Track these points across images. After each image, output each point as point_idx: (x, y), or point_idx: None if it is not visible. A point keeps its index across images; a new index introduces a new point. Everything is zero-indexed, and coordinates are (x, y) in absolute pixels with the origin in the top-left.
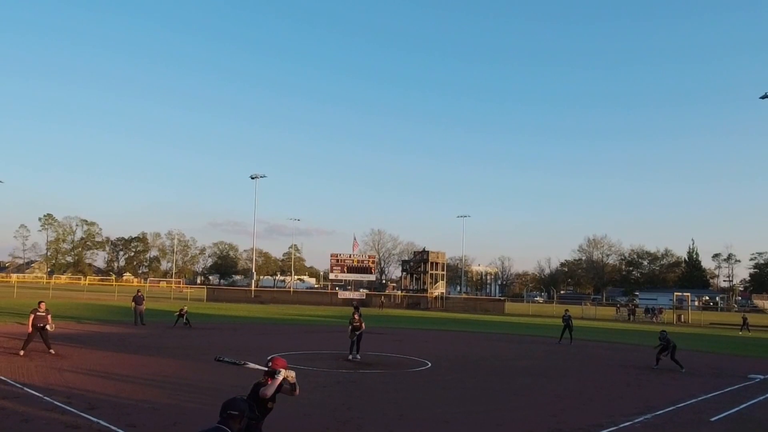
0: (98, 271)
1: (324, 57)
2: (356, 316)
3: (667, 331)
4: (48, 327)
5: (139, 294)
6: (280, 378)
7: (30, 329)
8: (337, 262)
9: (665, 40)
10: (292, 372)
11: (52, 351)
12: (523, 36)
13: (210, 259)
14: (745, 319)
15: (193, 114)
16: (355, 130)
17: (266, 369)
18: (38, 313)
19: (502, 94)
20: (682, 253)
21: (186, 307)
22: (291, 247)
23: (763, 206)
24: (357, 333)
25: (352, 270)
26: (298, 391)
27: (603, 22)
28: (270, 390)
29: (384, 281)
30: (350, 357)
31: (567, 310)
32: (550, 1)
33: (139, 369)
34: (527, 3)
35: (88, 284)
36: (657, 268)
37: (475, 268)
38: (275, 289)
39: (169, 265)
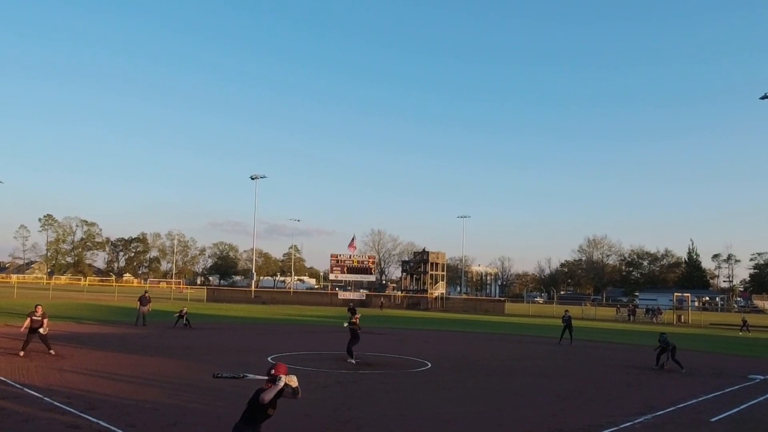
0: (98, 272)
1: (324, 57)
2: (355, 319)
3: (666, 333)
4: (41, 330)
5: (146, 295)
6: (281, 384)
7: (24, 330)
8: (337, 262)
9: (665, 40)
10: (294, 377)
11: (52, 352)
12: (523, 36)
13: (210, 260)
14: (744, 320)
15: (193, 114)
16: (355, 130)
17: (267, 377)
18: (34, 317)
19: (502, 94)
20: (682, 254)
21: (186, 308)
22: (291, 247)
23: (763, 206)
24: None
25: (352, 270)
26: (300, 394)
27: (603, 22)
28: (269, 395)
29: (384, 282)
30: (353, 360)
31: (567, 311)
32: (550, 1)
33: (139, 369)
34: (527, 3)
35: (88, 285)
36: (657, 268)
37: (475, 268)
38: (275, 289)
39: (169, 265)
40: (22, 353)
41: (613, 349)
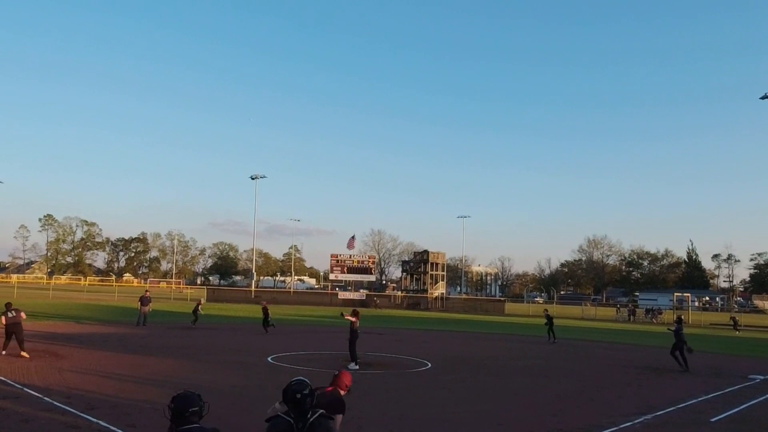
0: (98, 272)
1: (324, 57)
2: (355, 319)
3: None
4: (22, 314)
5: (147, 295)
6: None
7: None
8: (337, 262)
9: (665, 40)
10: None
11: (23, 354)
12: (523, 36)
13: (210, 260)
14: (733, 318)
15: (193, 114)
16: (355, 130)
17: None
18: (9, 314)
19: (502, 94)
20: (682, 254)
21: (203, 299)
22: (291, 247)
23: (763, 206)
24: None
25: (352, 270)
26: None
27: (603, 22)
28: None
29: (384, 282)
30: (356, 365)
31: (546, 309)
32: (550, 1)
33: (139, 369)
34: (527, 3)
35: (88, 285)
36: (657, 268)
37: (475, 268)
38: (275, 289)
39: (169, 265)
40: (3, 352)
41: (613, 349)
